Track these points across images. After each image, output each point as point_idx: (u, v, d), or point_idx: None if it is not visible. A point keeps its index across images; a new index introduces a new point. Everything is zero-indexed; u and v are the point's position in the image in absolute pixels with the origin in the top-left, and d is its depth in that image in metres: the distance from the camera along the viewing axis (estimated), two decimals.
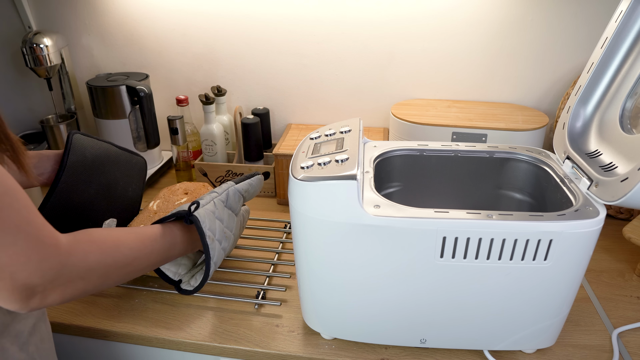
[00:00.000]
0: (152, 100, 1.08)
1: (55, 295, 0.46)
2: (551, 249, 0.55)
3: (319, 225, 0.58)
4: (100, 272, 0.50)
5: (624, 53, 0.64)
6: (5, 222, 0.41)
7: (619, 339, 0.70)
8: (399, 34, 1.07)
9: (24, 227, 0.42)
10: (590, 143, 0.66)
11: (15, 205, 0.42)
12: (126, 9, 1.15)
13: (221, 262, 0.84)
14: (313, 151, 0.64)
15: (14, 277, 0.42)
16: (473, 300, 0.60)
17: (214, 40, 1.15)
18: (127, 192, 0.80)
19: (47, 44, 1.08)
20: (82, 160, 0.69)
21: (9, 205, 0.42)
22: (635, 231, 0.82)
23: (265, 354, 0.68)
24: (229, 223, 0.70)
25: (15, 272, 0.42)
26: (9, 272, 0.42)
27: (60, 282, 0.46)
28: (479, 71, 1.09)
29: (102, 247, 0.51)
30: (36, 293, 0.44)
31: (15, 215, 0.42)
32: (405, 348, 0.68)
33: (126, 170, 0.79)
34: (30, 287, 0.43)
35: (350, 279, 0.61)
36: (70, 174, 0.67)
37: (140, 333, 0.71)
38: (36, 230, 0.44)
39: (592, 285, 0.81)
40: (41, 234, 0.44)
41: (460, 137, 0.97)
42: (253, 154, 1.08)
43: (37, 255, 0.43)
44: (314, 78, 1.16)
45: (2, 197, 0.41)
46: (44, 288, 0.44)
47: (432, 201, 0.77)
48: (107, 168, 0.74)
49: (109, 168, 0.74)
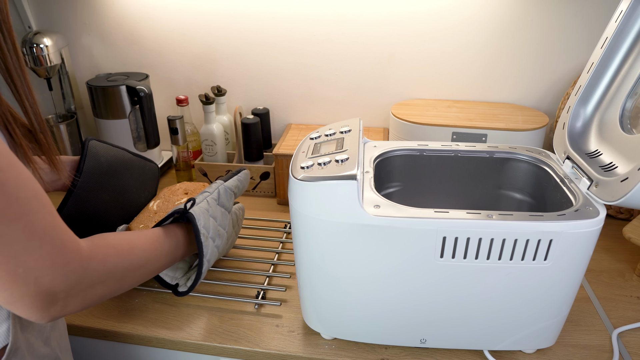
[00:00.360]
0: (152, 100, 1.08)
1: (76, 302, 0.46)
2: (551, 249, 0.55)
3: (319, 225, 0.58)
4: (118, 275, 0.50)
5: (624, 53, 0.64)
6: (34, 226, 0.41)
7: (619, 339, 0.70)
8: (399, 34, 1.07)
9: (49, 232, 0.42)
10: (590, 143, 0.66)
11: (42, 210, 0.42)
12: (126, 9, 1.15)
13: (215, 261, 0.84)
14: (313, 151, 0.64)
15: (38, 281, 0.42)
16: (473, 300, 0.60)
17: (214, 40, 1.15)
18: (140, 198, 0.82)
19: (47, 44, 1.08)
20: (97, 166, 0.70)
21: (36, 209, 0.42)
22: (635, 231, 0.82)
23: (265, 354, 0.68)
24: (222, 221, 0.70)
25: (40, 276, 0.42)
26: (33, 277, 0.41)
27: (81, 287, 0.45)
28: (479, 71, 1.09)
29: (119, 250, 0.51)
30: (58, 300, 0.44)
31: (42, 220, 0.42)
32: (405, 348, 0.68)
33: (139, 177, 0.80)
34: (53, 293, 0.43)
35: (350, 279, 0.61)
36: (87, 180, 0.68)
37: (140, 333, 0.71)
38: (60, 235, 0.43)
39: (592, 285, 0.81)
40: (65, 238, 0.44)
41: (460, 137, 0.97)
42: (253, 154, 1.08)
43: (62, 260, 0.43)
44: (314, 78, 1.16)
45: (31, 201, 0.41)
46: (66, 294, 0.44)
47: (432, 201, 0.77)
48: (121, 174, 0.75)
49: (123, 174, 0.75)
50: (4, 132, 0.46)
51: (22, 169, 0.41)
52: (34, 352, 0.52)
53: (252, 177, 1.08)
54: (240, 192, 0.76)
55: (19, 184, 0.40)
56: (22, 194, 0.40)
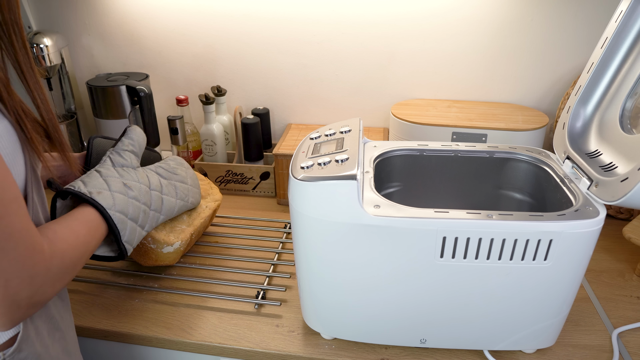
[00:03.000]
0: (152, 100, 1.08)
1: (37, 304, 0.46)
2: (551, 249, 0.55)
3: (319, 225, 0.58)
4: (72, 268, 0.50)
5: (624, 53, 0.64)
6: (11, 228, 0.41)
7: (619, 339, 0.70)
8: (399, 34, 1.07)
9: (24, 234, 0.43)
10: (590, 143, 0.66)
11: (20, 212, 0.42)
12: (126, 9, 1.15)
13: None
14: (313, 151, 0.64)
15: (8, 284, 0.42)
16: (473, 300, 0.60)
17: (214, 40, 1.15)
18: None
19: (47, 44, 1.08)
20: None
21: (16, 211, 0.42)
22: (635, 231, 0.82)
23: (265, 354, 0.68)
24: (129, 176, 0.65)
25: (9, 279, 0.42)
26: (4, 279, 0.41)
27: (44, 289, 0.46)
28: (479, 71, 1.09)
29: (71, 244, 0.51)
30: (22, 306, 0.44)
31: (19, 222, 0.42)
32: (405, 348, 0.68)
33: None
34: (19, 299, 0.43)
35: (350, 279, 0.61)
36: None
37: (140, 333, 0.71)
38: (32, 237, 0.44)
39: (592, 285, 0.81)
40: (35, 240, 0.44)
41: (460, 137, 0.97)
42: (253, 154, 1.08)
43: (30, 262, 0.43)
44: (314, 78, 1.16)
45: (12, 204, 0.42)
46: (31, 296, 0.44)
47: (432, 201, 0.77)
48: None
49: None
50: (16, 126, 0.47)
51: (6, 172, 0.42)
52: (43, 341, 0.52)
53: (252, 177, 1.08)
54: (139, 148, 0.71)
55: (4, 186, 0.41)
56: (5, 195, 0.41)
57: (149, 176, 0.70)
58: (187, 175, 0.78)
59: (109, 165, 0.65)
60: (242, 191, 1.11)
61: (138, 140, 0.71)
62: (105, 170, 0.64)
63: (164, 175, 0.73)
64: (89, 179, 0.61)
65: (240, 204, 1.07)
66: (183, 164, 0.79)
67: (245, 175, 1.09)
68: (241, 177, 1.09)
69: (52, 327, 0.54)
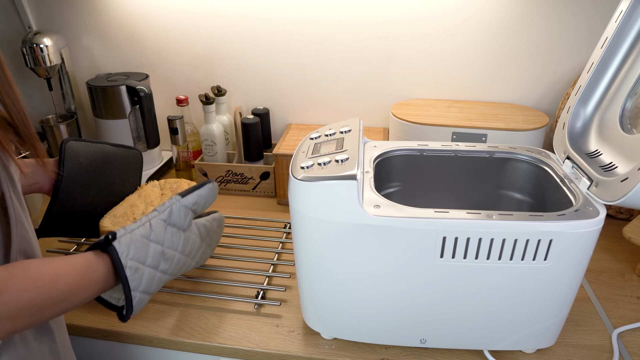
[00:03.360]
0: (152, 100, 1.08)
1: None
2: (551, 249, 0.55)
3: (319, 225, 0.58)
4: (32, 310, 0.45)
5: (624, 53, 0.64)
6: None
7: (619, 339, 0.70)
8: (399, 34, 1.07)
9: None
10: (590, 143, 0.66)
11: None
12: (126, 9, 1.15)
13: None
14: (313, 151, 0.64)
15: None
16: (473, 300, 0.60)
17: (214, 40, 1.15)
18: (125, 187, 0.82)
19: (47, 44, 1.08)
20: (77, 167, 0.70)
21: None
22: (635, 231, 0.82)
23: (265, 354, 0.68)
24: (173, 242, 0.61)
25: None
26: None
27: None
28: (479, 71, 1.09)
29: (38, 285, 0.45)
30: None
31: None
32: (405, 348, 0.68)
33: (122, 167, 0.80)
34: None
35: (350, 279, 0.61)
36: (69, 182, 0.68)
37: (140, 333, 0.71)
38: None
39: (592, 285, 0.81)
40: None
41: (460, 137, 0.97)
42: (253, 154, 1.08)
43: None
44: (314, 78, 1.16)
45: None
46: None
47: (432, 201, 0.77)
48: (104, 169, 0.75)
49: (105, 169, 0.75)
50: None
51: None
52: (28, 345, 0.50)
53: (252, 177, 1.08)
54: (201, 208, 0.67)
55: None
56: None
57: (191, 239, 0.65)
58: (217, 239, 0.74)
59: (163, 222, 0.60)
60: (242, 191, 1.11)
61: (206, 201, 0.66)
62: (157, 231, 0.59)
63: (202, 235, 0.68)
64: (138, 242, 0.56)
65: (240, 204, 1.07)
66: (221, 226, 0.75)
67: (245, 175, 1.09)
68: (241, 177, 1.09)
69: (41, 330, 0.53)
